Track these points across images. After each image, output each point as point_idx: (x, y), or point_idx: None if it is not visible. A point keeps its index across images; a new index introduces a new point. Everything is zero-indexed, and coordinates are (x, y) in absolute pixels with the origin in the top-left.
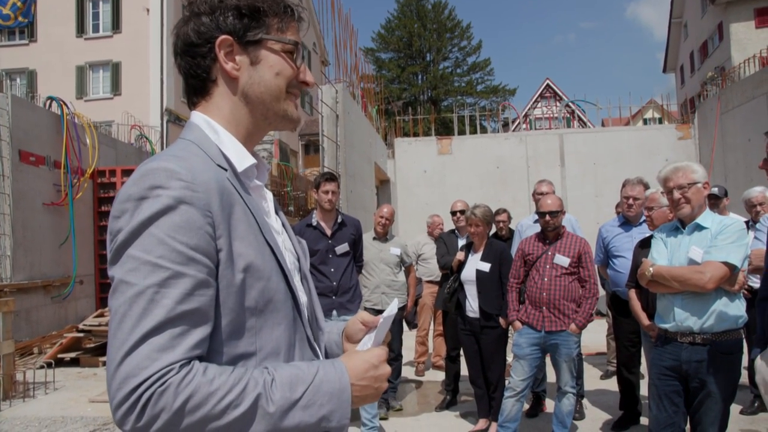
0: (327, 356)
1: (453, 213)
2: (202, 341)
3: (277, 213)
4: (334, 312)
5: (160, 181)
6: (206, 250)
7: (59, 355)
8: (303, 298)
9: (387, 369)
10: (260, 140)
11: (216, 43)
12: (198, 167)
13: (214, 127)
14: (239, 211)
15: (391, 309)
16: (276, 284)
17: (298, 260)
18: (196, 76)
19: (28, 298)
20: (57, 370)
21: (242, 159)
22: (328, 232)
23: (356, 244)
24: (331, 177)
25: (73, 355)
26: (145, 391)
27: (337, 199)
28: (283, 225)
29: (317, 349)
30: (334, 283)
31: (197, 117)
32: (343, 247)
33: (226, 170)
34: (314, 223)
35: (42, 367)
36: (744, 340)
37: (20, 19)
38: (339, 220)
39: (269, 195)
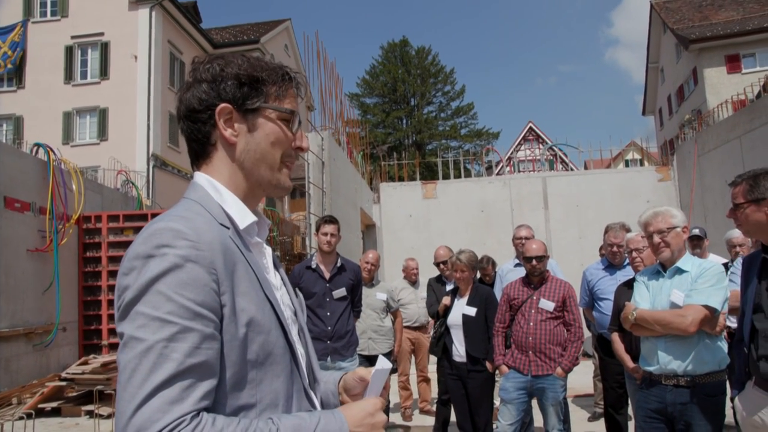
0: (323, 407)
1: (437, 264)
2: (208, 393)
3: (277, 268)
4: (329, 358)
5: (167, 241)
6: (212, 306)
7: (40, 405)
8: (301, 350)
9: (383, 417)
10: (257, 203)
11: (216, 110)
12: (202, 227)
13: (216, 187)
14: (241, 269)
15: (382, 364)
16: (276, 338)
17: (296, 314)
18: (197, 140)
19: (8, 347)
20: (37, 420)
21: (244, 217)
22: (327, 275)
23: (355, 290)
24: (331, 219)
25: (54, 404)
26: None
27: (337, 242)
28: (282, 280)
29: (314, 399)
30: (329, 328)
31: (200, 177)
32: (340, 292)
33: (228, 228)
34: (313, 266)
35: (21, 418)
36: (728, 382)
37: (9, 66)
38: (339, 264)
39: (268, 251)
